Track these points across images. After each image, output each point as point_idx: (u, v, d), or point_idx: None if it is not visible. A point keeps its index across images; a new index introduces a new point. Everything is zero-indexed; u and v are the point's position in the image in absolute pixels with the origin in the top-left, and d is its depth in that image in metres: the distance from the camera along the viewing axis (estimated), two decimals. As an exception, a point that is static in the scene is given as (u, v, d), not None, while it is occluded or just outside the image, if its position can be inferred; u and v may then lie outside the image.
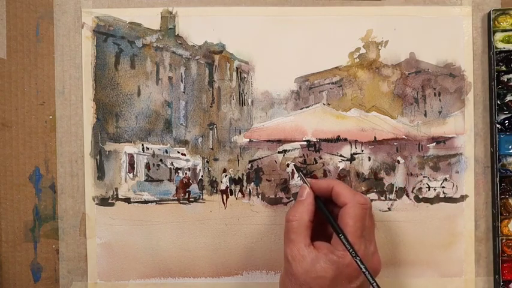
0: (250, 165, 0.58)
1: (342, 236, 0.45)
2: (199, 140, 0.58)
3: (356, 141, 0.57)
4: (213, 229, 0.57)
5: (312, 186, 0.50)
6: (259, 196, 0.57)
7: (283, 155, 0.58)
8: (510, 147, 0.56)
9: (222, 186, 0.58)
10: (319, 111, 0.57)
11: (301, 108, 0.58)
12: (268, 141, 0.58)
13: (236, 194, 0.58)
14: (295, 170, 0.57)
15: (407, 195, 0.57)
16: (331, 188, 0.49)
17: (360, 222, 0.46)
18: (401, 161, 0.57)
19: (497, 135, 0.55)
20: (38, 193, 0.57)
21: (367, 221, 0.47)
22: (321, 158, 0.57)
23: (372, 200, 0.57)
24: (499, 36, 0.56)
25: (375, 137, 0.57)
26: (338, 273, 0.45)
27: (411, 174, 0.57)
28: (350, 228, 0.45)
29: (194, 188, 0.58)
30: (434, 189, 0.57)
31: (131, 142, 0.57)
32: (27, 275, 0.58)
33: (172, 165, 0.58)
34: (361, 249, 0.45)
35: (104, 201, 0.57)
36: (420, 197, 0.57)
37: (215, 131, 0.58)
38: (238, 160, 0.58)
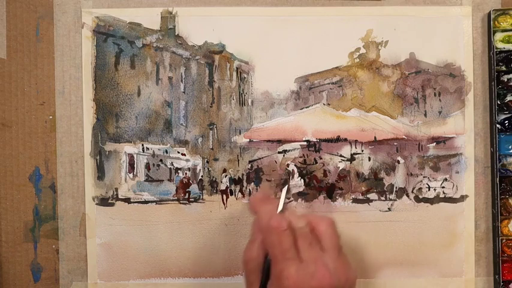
0: (250, 165, 0.58)
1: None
2: (199, 140, 0.58)
3: (356, 141, 0.57)
4: (213, 229, 0.57)
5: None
6: (259, 196, 0.57)
7: (283, 155, 0.58)
8: (510, 147, 0.56)
9: (222, 186, 0.58)
10: (319, 111, 0.57)
11: (301, 108, 0.58)
12: (268, 141, 0.58)
13: (236, 194, 0.58)
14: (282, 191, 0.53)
15: (407, 196, 0.57)
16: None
17: (334, 238, 0.43)
18: (401, 161, 0.57)
19: (497, 135, 0.55)
20: (38, 193, 0.57)
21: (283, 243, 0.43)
22: (321, 158, 0.57)
23: (372, 200, 0.57)
24: (499, 36, 0.56)
25: (375, 137, 0.57)
26: None
27: (411, 174, 0.57)
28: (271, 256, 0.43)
29: (194, 188, 0.58)
30: (434, 189, 0.57)
31: (131, 142, 0.57)
32: (27, 275, 0.58)
33: (172, 165, 0.58)
34: (290, 272, 0.41)
35: (104, 201, 0.57)
36: (420, 197, 0.57)
37: (215, 131, 0.58)
38: (238, 160, 0.58)
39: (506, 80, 0.56)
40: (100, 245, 0.57)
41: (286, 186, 0.56)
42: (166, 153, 0.58)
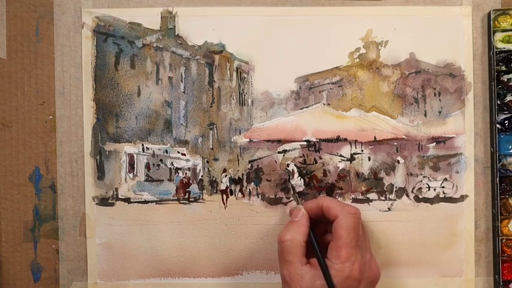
0: (250, 165, 0.58)
1: (321, 260, 0.47)
2: (199, 140, 0.58)
3: (356, 141, 0.57)
4: (213, 229, 0.57)
5: (305, 207, 0.51)
6: (259, 196, 0.57)
7: (283, 155, 0.58)
8: (510, 147, 0.56)
9: (222, 186, 0.58)
10: (319, 111, 0.57)
11: (301, 108, 0.58)
12: (268, 141, 0.58)
13: (236, 194, 0.58)
14: (291, 190, 0.57)
15: (407, 195, 0.57)
16: (321, 205, 0.49)
17: (353, 232, 0.47)
18: (401, 161, 0.57)
19: (497, 135, 0.55)
20: (38, 193, 0.57)
21: (360, 229, 0.48)
22: (320, 158, 0.57)
23: (371, 200, 0.57)
24: (499, 36, 0.56)
25: (375, 137, 0.57)
26: (338, 286, 0.45)
27: (411, 174, 0.57)
28: (345, 240, 0.46)
29: (194, 188, 0.58)
30: (434, 189, 0.57)
31: (131, 142, 0.57)
32: (27, 275, 0.58)
33: (172, 165, 0.58)
34: (358, 259, 0.46)
35: (104, 201, 0.57)
36: (420, 197, 0.57)
37: (215, 131, 0.58)
38: (238, 160, 0.58)
39: (506, 80, 0.56)
40: (100, 245, 0.57)
41: (290, 184, 0.56)
42: (166, 153, 0.58)
